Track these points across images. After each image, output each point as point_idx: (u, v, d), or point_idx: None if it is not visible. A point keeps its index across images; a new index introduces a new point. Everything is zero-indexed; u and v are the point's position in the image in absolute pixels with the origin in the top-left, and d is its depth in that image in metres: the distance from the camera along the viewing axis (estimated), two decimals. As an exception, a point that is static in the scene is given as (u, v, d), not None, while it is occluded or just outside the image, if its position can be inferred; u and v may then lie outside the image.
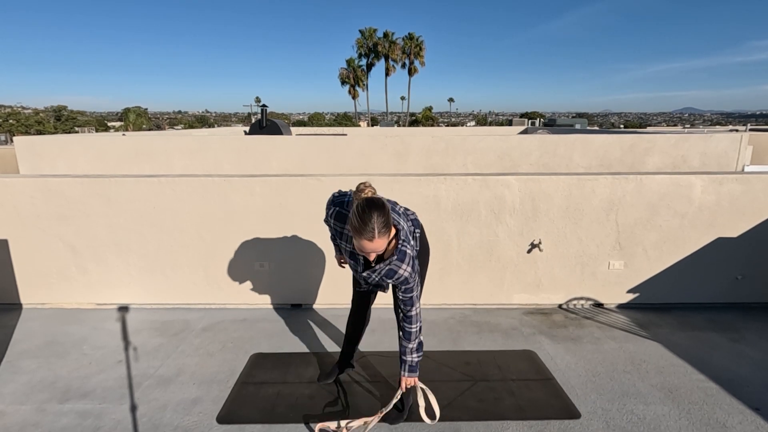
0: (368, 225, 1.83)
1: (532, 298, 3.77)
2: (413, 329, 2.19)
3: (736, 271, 3.69)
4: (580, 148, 7.19)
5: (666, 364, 2.90)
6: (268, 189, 3.55)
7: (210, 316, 3.62)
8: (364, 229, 1.84)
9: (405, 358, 2.23)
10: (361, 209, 1.86)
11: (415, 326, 2.19)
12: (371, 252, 1.91)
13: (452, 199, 3.57)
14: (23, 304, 3.78)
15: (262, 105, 12.56)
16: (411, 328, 2.19)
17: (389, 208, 1.94)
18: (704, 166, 7.02)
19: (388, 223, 1.89)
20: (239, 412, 2.45)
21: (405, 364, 2.23)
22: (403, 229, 2.08)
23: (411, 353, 2.22)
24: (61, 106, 57.13)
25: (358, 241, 1.89)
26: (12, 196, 3.58)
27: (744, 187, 3.52)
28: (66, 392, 2.62)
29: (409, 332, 2.19)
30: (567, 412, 2.44)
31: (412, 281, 2.08)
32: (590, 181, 3.54)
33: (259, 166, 7.08)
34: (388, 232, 1.90)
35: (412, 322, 2.18)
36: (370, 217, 1.84)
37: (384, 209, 1.88)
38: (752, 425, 2.32)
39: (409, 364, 2.22)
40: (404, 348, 2.22)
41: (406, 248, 2.05)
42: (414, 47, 51.28)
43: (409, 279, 2.07)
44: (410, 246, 2.08)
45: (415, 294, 2.14)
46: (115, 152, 7.26)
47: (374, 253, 1.92)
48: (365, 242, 1.86)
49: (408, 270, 2.05)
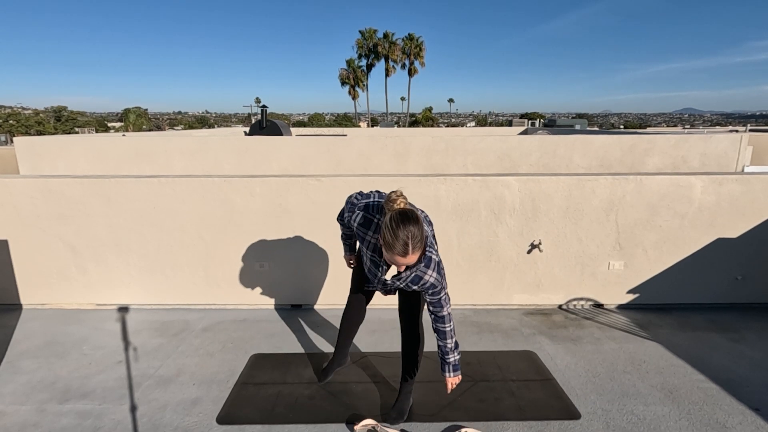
0: (403, 240, 1.81)
1: (532, 298, 3.77)
2: (447, 328, 2.18)
3: (736, 272, 3.69)
4: (580, 148, 7.19)
5: (666, 364, 2.90)
6: (268, 189, 3.55)
7: (210, 316, 3.62)
8: (398, 244, 1.81)
9: (447, 359, 2.21)
10: (395, 223, 1.83)
11: (448, 325, 2.18)
12: (403, 265, 1.90)
13: (452, 200, 3.57)
14: (23, 304, 3.78)
15: (262, 105, 12.58)
16: (445, 327, 2.18)
17: (422, 221, 1.91)
18: (704, 167, 7.03)
19: (422, 237, 1.87)
20: (239, 412, 2.45)
21: (448, 366, 2.21)
22: (429, 236, 2.06)
23: (451, 353, 2.20)
24: (61, 107, 57.12)
25: (390, 254, 1.86)
26: (12, 196, 3.58)
27: (744, 187, 3.52)
28: (66, 392, 2.62)
29: (444, 331, 2.18)
30: (567, 412, 2.44)
31: (438, 285, 2.08)
32: (590, 181, 3.54)
33: (259, 167, 7.08)
34: (422, 246, 1.88)
35: (445, 321, 2.17)
36: (406, 232, 1.81)
37: (419, 224, 1.85)
38: (752, 425, 2.32)
39: (453, 364, 2.21)
40: (444, 348, 2.20)
41: (432, 254, 2.04)
42: (414, 48, 51.32)
43: (435, 284, 2.06)
44: (435, 252, 2.08)
45: (442, 296, 2.13)
46: (115, 152, 7.27)
47: (405, 265, 1.91)
48: (398, 257, 1.84)
49: (434, 276, 2.04)
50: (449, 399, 2.54)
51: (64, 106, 57.92)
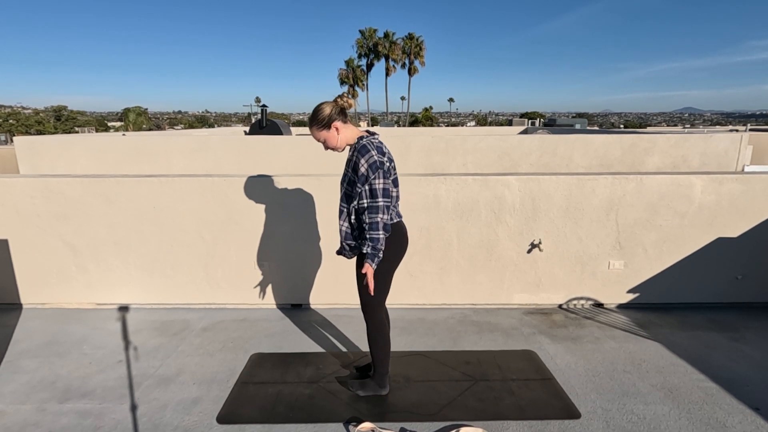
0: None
1: (532, 298, 3.77)
2: (368, 226, 2.23)
3: (736, 271, 3.69)
4: (580, 148, 7.19)
5: (666, 363, 2.90)
6: (268, 189, 3.55)
7: (210, 316, 3.62)
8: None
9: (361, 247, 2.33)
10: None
11: (372, 230, 2.21)
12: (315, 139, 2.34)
13: (452, 199, 3.57)
14: (23, 304, 3.78)
15: (262, 105, 12.58)
16: (367, 223, 2.24)
17: (326, 109, 2.27)
18: (704, 166, 7.02)
19: (316, 115, 2.28)
20: (239, 412, 2.45)
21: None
22: (373, 143, 2.26)
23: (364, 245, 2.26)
24: (61, 106, 57.12)
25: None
26: (12, 196, 3.58)
27: (744, 187, 3.52)
28: (66, 392, 2.62)
29: (367, 223, 2.23)
30: (567, 412, 2.44)
31: (366, 174, 2.18)
32: (590, 180, 3.54)
33: (259, 166, 7.07)
34: (317, 124, 2.28)
35: (369, 221, 2.23)
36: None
37: (319, 109, 2.28)
38: (752, 425, 2.32)
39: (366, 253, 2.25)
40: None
41: (371, 148, 2.21)
42: (414, 47, 51.31)
43: (364, 172, 2.18)
44: (378, 160, 2.19)
45: (374, 188, 2.19)
46: (115, 152, 7.27)
47: (318, 140, 2.33)
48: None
49: (365, 165, 2.18)
50: (449, 398, 2.54)
51: (64, 105, 57.94)
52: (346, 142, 2.32)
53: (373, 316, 2.44)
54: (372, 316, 2.44)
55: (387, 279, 2.41)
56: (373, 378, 2.56)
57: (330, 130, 2.29)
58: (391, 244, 2.29)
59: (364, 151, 2.19)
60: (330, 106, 2.29)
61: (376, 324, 2.45)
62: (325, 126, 2.28)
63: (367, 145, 2.21)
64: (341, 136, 2.30)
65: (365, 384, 2.58)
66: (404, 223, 2.45)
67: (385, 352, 2.50)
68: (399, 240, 2.38)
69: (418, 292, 3.74)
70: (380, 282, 2.35)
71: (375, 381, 2.55)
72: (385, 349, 2.50)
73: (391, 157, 2.32)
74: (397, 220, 2.37)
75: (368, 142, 2.23)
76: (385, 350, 2.50)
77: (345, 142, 2.33)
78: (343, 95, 2.33)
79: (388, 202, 2.23)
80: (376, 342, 2.47)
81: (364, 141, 2.24)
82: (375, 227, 2.19)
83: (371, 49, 51.98)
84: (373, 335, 2.47)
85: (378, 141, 2.27)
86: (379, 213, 2.19)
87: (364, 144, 2.22)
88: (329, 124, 2.28)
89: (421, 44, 51.52)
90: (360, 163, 2.18)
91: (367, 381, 2.59)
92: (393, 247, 2.32)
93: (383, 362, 2.51)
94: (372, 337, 2.48)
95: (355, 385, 2.59)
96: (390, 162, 2.28)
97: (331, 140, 2.31)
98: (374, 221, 2.19)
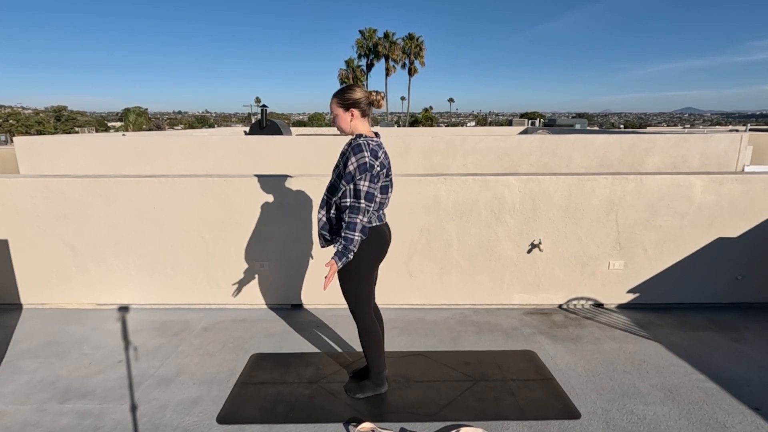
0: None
1: (532, 298, 3.77)
2: (346, 225, 2.20)
3: (736, 271, 3.69)
4: (580, 148, 7.19)
5: (666, 364, 2.90)
6: (268, 189, 3.55)
7: (210, 316, 3.62)
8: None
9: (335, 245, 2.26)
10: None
11: (349, 231, 2.19)
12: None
13: (452, 199, 3.57)
14: (23, 304, 3.78)
15: (262, 105, 12.58)
16: (347, 222, 2.20)
17: (355, 91, 2.30)
18: (704, 167, 7.03)
19: (342, 94, 2.29)
20: (239, 412, 2.45)
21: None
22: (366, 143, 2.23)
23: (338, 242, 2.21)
24: (61, 106, 57.09)
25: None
26: (12, 196, 3.58)
27: (744, 187, 3.52)
28: (66, 392, 2.62)
29: (346, 222, 2.21)
30: (567, 412, 2.44)
31: (354, 173, 2.16)
32: (590, 181, 3.54)
33: (259, 166, 7.08)
34: (337, 101, 2.30)
35: (349, 220, 2.20)
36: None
37: (346, 89, 2.31)
38: (752, 425, 2.32)
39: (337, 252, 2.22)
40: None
41: (363, 146, 2.19)
42: (414, 47, 51.29)
43: (352, 171, 2.16)
44: (369, 161, 2.17)
45: (358, 188, 2.18)
46: (115, 152, 7.27)
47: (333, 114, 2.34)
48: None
49: (354, 163, 2.16)
50: (449, 399, 2.54)
51: (64, 105, 57.92)
52: (352, 131, 2.32)
53: (361, 317, 2.44)
54: (359, 316, 2.44)
55: (368, 280, 2.41)
56: (369, 378, 2.56)
57: (346, 112, 2.30)
58: (369, 246, 2.29)
59: (357, 149, 2.18)
60: (362, 93, 2.31)
61: (365, 324, 2.45)
62: (345, 106, 2.29)
63: (362, 145, 2.19)
64: (352, 124, 2.30)
65: (363, 386, 2.57)
66: (389, 225, 2.45)
67: (378, 351, 2.49)
68: (378, 242, 2.37)
69: (418, 293, 3.74)
70: (361, 283, 2.37)
71: (372, 381, 2.55)
72: (378, 348, 2.50)
73: (386, 163, 2.30)
74: (377, 223, 2.35)
75: (365, 142, 2.21)
76: (377, 349, 2.49)
77: (351, 132, 2.32)
78: (378, 92, 2.34)
79: (370, 206, 2.22)
80: (367, 342, 2.47)
81: (361, 140, 2.23)
82: (353, 227, 2.18)
83: (371, 49, 51.96)
84: (363, 336, 2.47)
85: (376, 144, 2.25)
86: (359, 214, 2.18)
87: (360, 143, 2.21)
88: (350, 107, 2.29)
89: (421, 44, 51.51)
90: (350, 161, 2.17)
91: (365, 382, 2.58)
92: (371, 249, 2.32)
93: (377, 361, 2.51)
94: (362, 337, 2.48)
95: (352, 389, 2.59)
96: (383, 168, 2.25)
97: (340, 121, 2.32)
98: (353, 221, 2.18)
